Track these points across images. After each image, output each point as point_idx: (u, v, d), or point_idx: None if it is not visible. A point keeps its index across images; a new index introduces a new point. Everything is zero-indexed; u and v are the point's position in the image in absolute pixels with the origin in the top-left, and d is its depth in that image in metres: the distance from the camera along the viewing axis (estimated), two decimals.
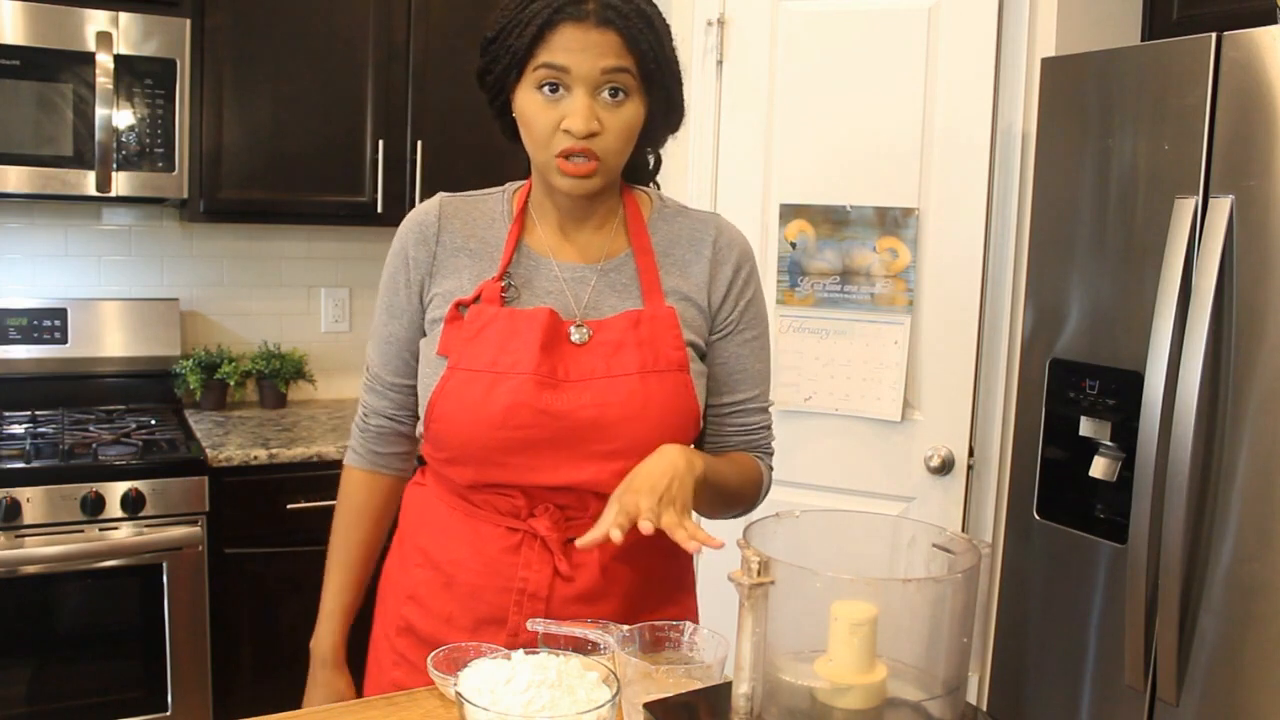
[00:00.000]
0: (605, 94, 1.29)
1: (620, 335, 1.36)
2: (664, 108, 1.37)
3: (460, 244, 1.41)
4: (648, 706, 1.07)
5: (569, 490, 1.36)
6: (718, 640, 1.21)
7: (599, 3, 1.27)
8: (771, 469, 1.52)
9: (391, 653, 1.45)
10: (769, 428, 1.52)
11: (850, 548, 1.15)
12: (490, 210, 1.44)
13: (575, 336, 1.36)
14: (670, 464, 1.28)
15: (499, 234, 1.42)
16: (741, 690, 0.99)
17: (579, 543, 1.26)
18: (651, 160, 1.49)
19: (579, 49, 1.26)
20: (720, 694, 1.06)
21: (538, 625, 1.30)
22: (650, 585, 1.45)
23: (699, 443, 1.46)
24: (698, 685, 1.13)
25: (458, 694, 1.02)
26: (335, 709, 1.29)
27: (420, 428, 1.42)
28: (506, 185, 1.47)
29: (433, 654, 1.25)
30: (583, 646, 1.25)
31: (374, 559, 1.55)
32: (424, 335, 1.43)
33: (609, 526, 1.22)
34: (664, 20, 1.34)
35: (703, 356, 1.44)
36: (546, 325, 1.33)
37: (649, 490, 1.24)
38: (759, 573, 0.95)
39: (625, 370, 1.35)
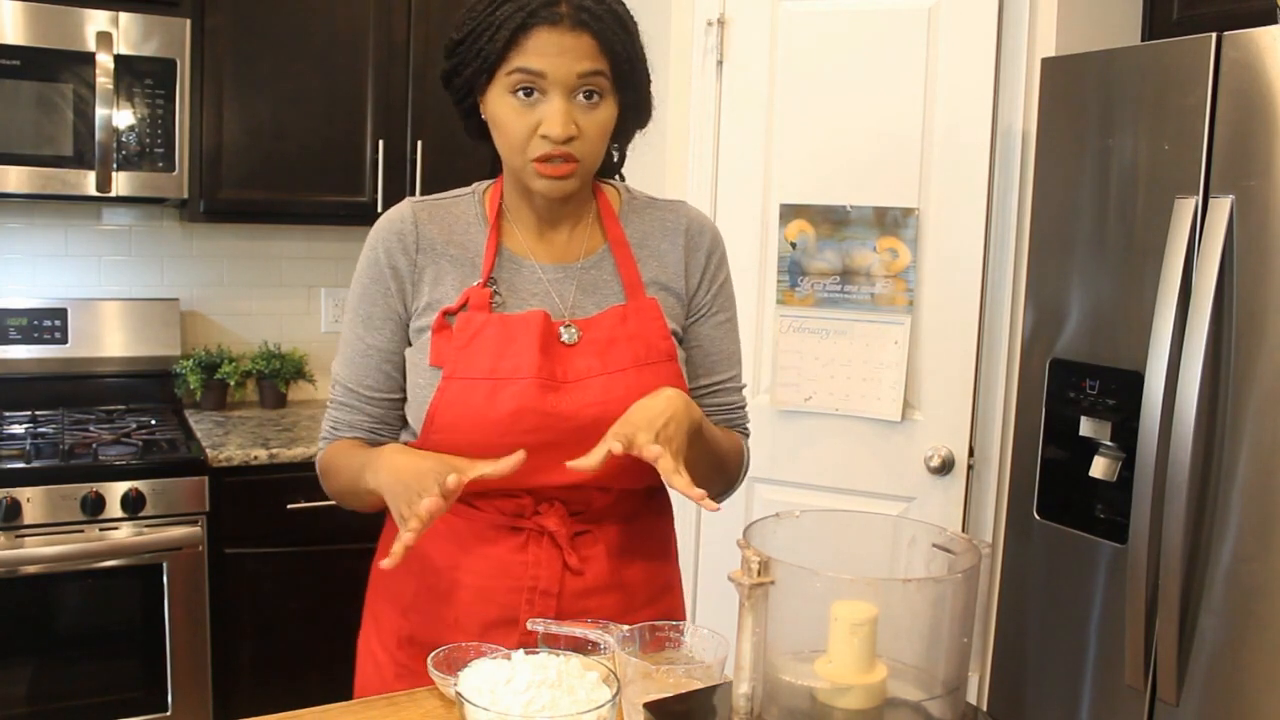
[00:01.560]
0: (580, 96, 1.28)
1: (609, 332, 1.37)
2: (634, 106, 1.37)
3: (440, 250, 1.39)
4: (648, 706, 1.07)
5: (574, 488, 1.36)
6: (718, 640, 1.21)
7: (572, 5, 1.25)
8: (749, 448, 1.54)
9: (393, 665, 1.43)
10: (745, 408, 1.53)
11: (850, 548, 1.15)
12: (464, 214, 1.42)
13: (565, 337, 1.36)
14: (669, 403, 1.26)
15: (476, 238, 1.40)
16: (742, 690, 0.99)
17: (570, 463, 1.21)
18: (616, 155, 1.49)
19: (554, 52, 1.25)
20: (720, 694, 1.06)
21: (538, 625, 1.30)
22: (648, 570, 1.46)
23: None
24: (698, 685, 1.13)
25: (458, 694, 1.02)
26: (334, 709, 1.29)
27: (404, 438, 1.41)
28: (474, 186, 1.46)
29: (433, 654, 1.25)
30: (583, 646, 1.25)
31: None
32: (409, 345, 1.41)
33: (600, 454, 1.20)
34: (633, 20, 1.34)
35: (682, 344, 1.45)
36: (542, 328, 1.33)
37: (646, 425, 1.23)
38: (759, 573, 0.95)
39: (620, 365, 1.35)
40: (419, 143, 2.94)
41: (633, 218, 1.46)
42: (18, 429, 2.66)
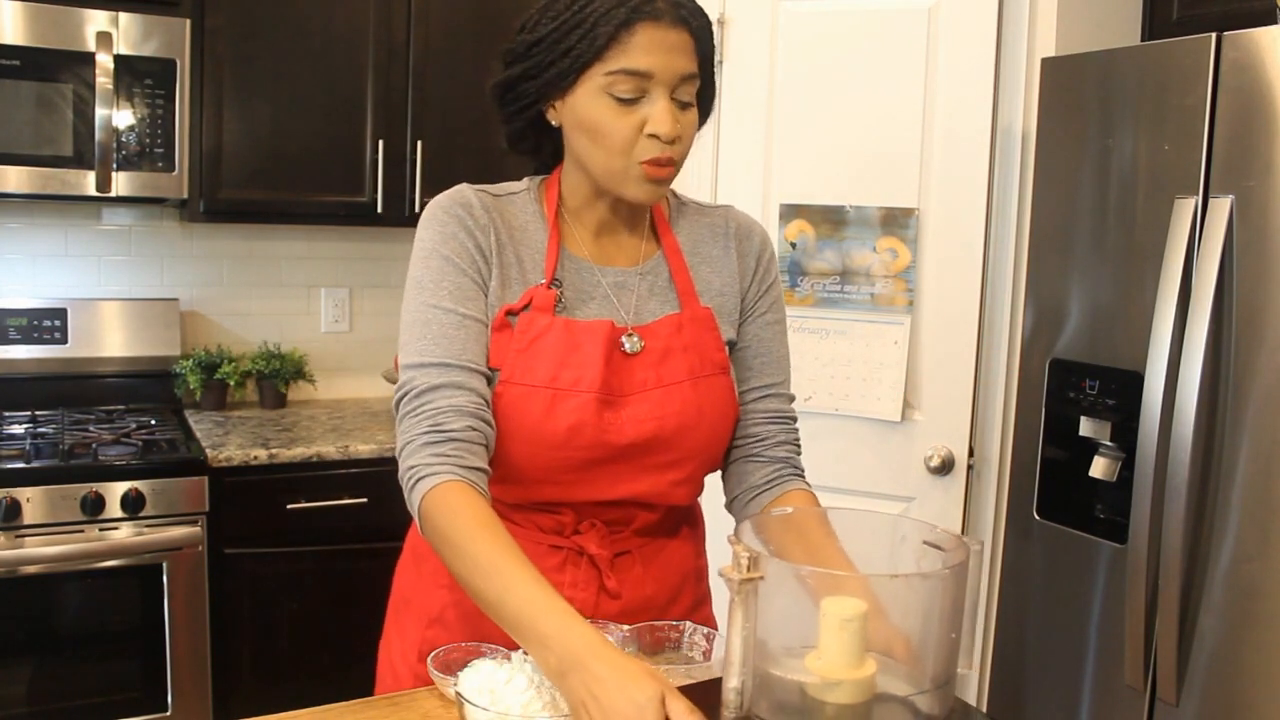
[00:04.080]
0: (678, 97, 1.23)
1: (666, 341, 1.33)
2: (706, 105, 1.33)
3: (504, 243, 1.31)
4: None
5: (619, 504, 1.33)
6: (717, 639, 1.21)
7: (668, 1, 1.20)
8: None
9: (413, 677, 1.39)
10: (797, 421, 1.45)
11: (848, 546, 1.15)
12: (521, 210, 1.35)
13: (627, 345, 1.31)
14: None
15: (536, 236, 1.33)
16: (732, 685, 0.98)
17: None
18: None
19: (660, 50, 1.19)
20: (710, 689, 1.06)
21: None
22: (684, 589, 1.43)
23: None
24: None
25: (458, 694, 1.02)
26: (334, 709, 1.28)
27: None
28: (527, 182, 1.38)
29: (433, 654, 1.23)
30: None
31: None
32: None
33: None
34: None
35: (734, 349, 1.41)
36: (608, 338, 1.28)
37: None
38: (749, 568, 0.95)
39: (676, 378, 1.31)
40: (419, 143, 2.94)
41: (683, 224, 1.42)
42: (18, 429, 2.66)
